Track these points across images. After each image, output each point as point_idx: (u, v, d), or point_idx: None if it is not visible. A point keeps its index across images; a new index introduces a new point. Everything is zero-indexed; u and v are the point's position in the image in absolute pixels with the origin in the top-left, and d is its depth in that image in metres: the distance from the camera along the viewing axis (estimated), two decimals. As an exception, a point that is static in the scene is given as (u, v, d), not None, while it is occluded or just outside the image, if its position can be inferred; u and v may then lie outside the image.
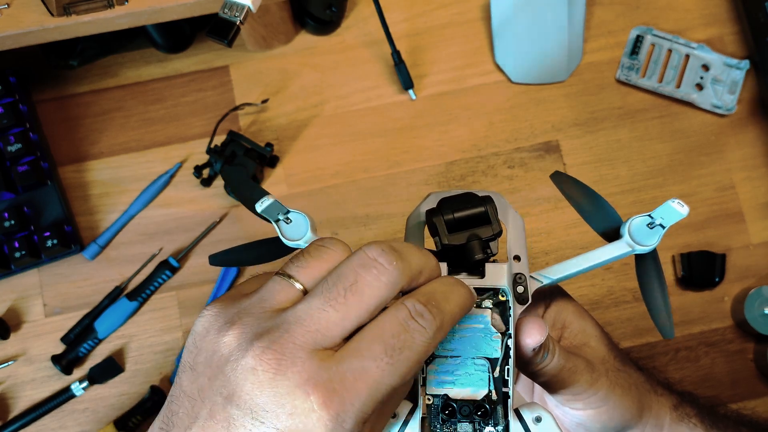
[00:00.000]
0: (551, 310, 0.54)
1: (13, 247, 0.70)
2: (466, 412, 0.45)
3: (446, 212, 0.47)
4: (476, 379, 0.45)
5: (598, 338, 0.54)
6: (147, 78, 0.76)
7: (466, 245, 0.47)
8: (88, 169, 0.75)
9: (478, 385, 0.45)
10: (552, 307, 0.54)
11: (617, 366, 0.53)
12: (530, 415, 0.44)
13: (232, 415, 0.37)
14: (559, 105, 0.76)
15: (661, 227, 0.50)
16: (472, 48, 0.77)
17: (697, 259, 0.72)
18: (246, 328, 0.39)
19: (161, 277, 0.72)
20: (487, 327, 0.46)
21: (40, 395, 0.71)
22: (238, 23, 0.58)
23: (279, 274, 0.41)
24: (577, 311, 0.55)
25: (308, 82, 0.76)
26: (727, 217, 0.75)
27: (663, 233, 0.50)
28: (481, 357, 0.45)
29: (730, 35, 0.78)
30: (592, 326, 0.54)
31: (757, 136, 0.76)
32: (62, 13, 0.63)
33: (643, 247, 0.50)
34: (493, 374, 0.45)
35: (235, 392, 0.37)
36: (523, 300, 0.48)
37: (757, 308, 0.70)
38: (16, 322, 0.72)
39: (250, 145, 0.72)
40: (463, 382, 0.45)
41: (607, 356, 0.53)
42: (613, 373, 0.52)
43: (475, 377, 0.45)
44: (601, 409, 0.51)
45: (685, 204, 0.48)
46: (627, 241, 0.50)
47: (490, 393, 0.45)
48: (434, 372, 0.45)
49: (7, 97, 0.72)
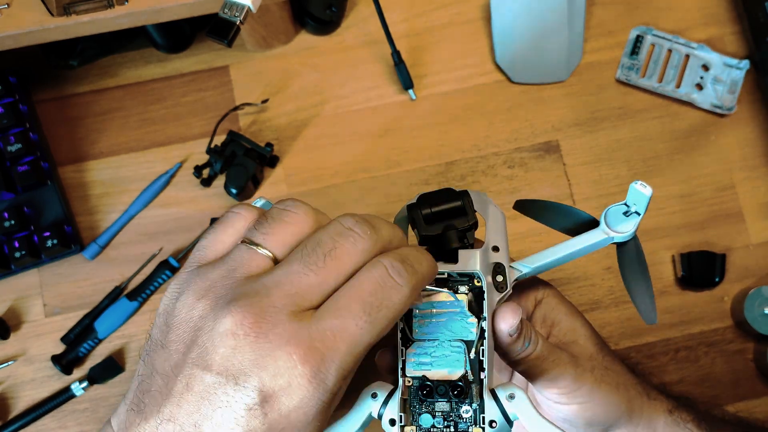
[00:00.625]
0: (541, 307, 0.55)
1: (13, 247, 0.70)
2: (443, 392, 0.46)
3: (424, 206, 0.50)
4: (453, 361, 0.47)
5: (586, 337, 0.54)
6: (147, 78, 0.76)
7: (442, 235, 0.49)
8: (88, 169, 0.75)
9: (455, 366, 0.47)
10: (542, 304, 0.55)
11: (605, 364, 0.53)
12: (504, 393, 0.46)
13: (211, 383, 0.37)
14: (559, 105, 0.76)
15: (636, 214, 0.51)
16: (472, 48, 0.77)
17: (697, 259, 0.72)
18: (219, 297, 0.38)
19: (161, 277, 0.72)
20: (463, 311, 0.48)
21: (40, 395, 0.71)
22: (238, 23, 0.58)
23: (244, 242, 0.41)
24: (568, 310, 0.55)
25: (308, 82, 0.76)
26: (727, 217, 0.75)
27: (639, 220, 0.51)
28: (458, 339, 0.47)
29: (730, 35, 0.78)
30: (582, 325, 0.55)
31: (757, 136, 0.76)
32: (62, 13, 0.63)
33: (620, 235, 0.51)
34: (468, 356, 0.47)
35: (213, 360, 0.37)
36: (502, 288, 0.49)
37: (757, 308, 0.70)
38: (16, 322, 0.72)
39: (250, 145, 0.72)
40: (440, 364, 0.47)
41: (595, 354, 0.53)
42: (600, 371, 0.52)
43: (451, 359, 0.47)
44: (586, 405, 0.51)
45: (647, 185, 0.49)
46: (604, 230, 0.51)
47: (466, 373, 0.47)
48: (413, 354, 0.47)
49: (7, 97, 0.72)
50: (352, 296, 0.39)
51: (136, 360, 0.72)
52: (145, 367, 0.40)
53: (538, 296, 0.55)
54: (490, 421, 0.46)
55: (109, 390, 0.71)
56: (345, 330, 0.38)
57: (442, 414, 0.47)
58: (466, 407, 0.47)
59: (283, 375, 0.36)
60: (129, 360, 0.72)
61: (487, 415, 0.46)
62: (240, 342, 0.36)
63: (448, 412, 0.47)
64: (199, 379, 0.37)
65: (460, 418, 0.47)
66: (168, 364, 0.39)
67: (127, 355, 0.72)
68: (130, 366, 0.72)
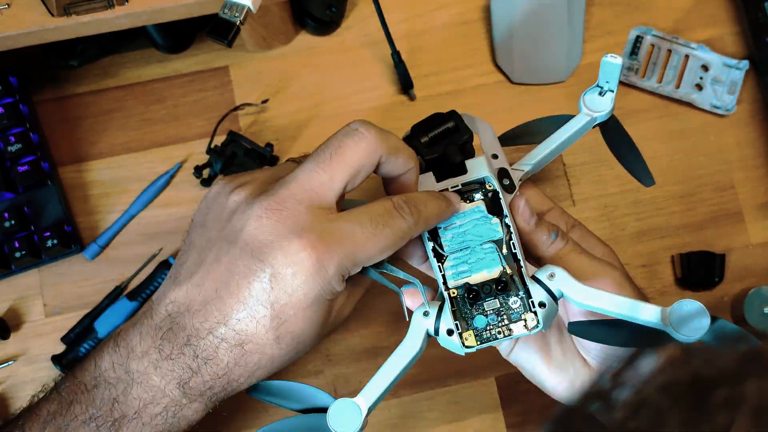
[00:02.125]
0: (575, 232, 0.57)
1: (13, 247, 0.70)
2: (488, 291, 0.49)
3: (420, 134, 0.54)
4: (489, 261, 0.50)
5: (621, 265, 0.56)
6: (147, 78, 0.76)
7: (445, 152, 0.53)
8: (88, 169, 0.75)
9: (492, 265, 0.50)
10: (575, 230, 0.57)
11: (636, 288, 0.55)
12: (544, 275, 0.49)
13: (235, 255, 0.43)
14: (559, 105, 0.76)
15: (610, 91, 0.57)
16: (472, 48, 0.77)
17: (696, 259, 0.72)
18: (254, 187, 0.46)
19: (161, 277, 0.72)
20: (484, 215, 0.51)
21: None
22: (238, 23, 0.58)
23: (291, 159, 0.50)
24: (600, 240, 0.57)
25: (308, 82, 0.77)
26: (727, 217, 0.75)
27: (614, 96, 0.57)
28: (487, 241, 0.51)
29: (730, 35, 0.78)
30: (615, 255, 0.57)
31: (757, 136, 0.76)
32: (62, 14, 0.63)
33: (601, 113, 0.56)
34: (501, 252, 0.50)
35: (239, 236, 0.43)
36: (510, 189, 0.53)
37: (757, 308, 0.71)
38: (16, 322, 0.72)
39: (251, 146, 0.73)
40: (478, 267, 0.50)
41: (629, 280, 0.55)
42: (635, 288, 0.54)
43: (486, 260, 0.50)
44: None
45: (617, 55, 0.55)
46: (585, 113, 0.57)
47: (504, 269, 0.50)
48: (450, 267, 0.50)
49: (8, 98, 0.72)
50: (364, 211, 0.45)
51: (136, 360, 0.72)
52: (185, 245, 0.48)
53: (570, 222, 0.57)
54: (539, 302, 0.48)
55: (109, 390, 0.71)
56: (352, 233, 0.43)
57: (493, 311, 0.49)
58: (513, 298, 0.49)
59: (292, 256, 0.42)
60: (129, 360, 0.72)
61: (535, 298, 0.48)
62: (263, 223, 0.43)
63: (498, 308, 0.49)
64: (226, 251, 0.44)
65: (511, 310, 0.49)
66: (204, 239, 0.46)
67: (127, 355, 0.72)
68: (130, 366, 0.72)
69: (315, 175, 0.44)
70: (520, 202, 0.52)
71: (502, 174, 0.53)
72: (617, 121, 0.58)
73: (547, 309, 0.48)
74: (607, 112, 0.56)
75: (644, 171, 0.58)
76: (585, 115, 0.56)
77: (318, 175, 0.44)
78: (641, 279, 0.74)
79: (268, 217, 0.43)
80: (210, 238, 0.45)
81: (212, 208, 0.47)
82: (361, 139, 0.46)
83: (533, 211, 0.52)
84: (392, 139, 0.48)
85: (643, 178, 0.58)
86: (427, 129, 0.54)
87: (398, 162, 0.48)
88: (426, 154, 0.53)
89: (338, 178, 0.45)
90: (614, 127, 0.58)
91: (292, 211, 0.43)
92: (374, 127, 0.47)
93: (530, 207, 0.52)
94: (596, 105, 0.56)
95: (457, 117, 0.55)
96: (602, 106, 0.56)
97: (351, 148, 0.45)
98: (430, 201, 0.48)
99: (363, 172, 0.46)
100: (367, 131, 0.46)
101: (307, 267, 0.42)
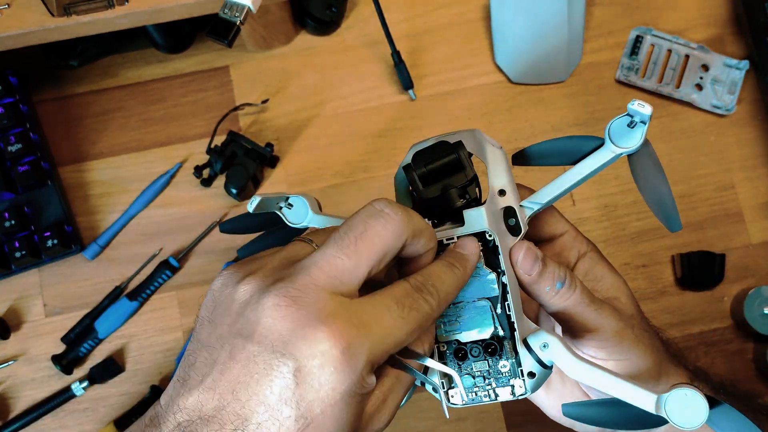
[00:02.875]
0: (584, 261, 0.54)
1: (14, 247, 0.70)
2: (477, 353, 0.47)
3: (418, 166, 0.48)
4: (481, 320, 0.47)
5: (629, 296, 0.54)
6: (147, 78, 0.76)
7: (442, 195, 0.48)
8: (88, 169, 0.75)
9: (484, 325, 0.47)
10: (585, 259, 0.54)
11: (643, 326, 0.53)
12: (537, 343, 0.46)
13: (252, 352, 0.38)
14: (559, 105, 0.76)
15: (642, 123, 0.48)
16: (472, 48, 0.77)
17: (696, 259, 0.72)
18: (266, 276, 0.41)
19: (161, 277, 0.72)
20: (480, 268, 0.47)
21: (40, 395, 0.71)
22: (238, 23, 0.58)
23: (299, 239, 0.45)
24: (611, 268, 0.55)
25: (308, 82, 0.76)
26: (727, 217, 0.75)
27: (645, 128, 0.48)
28: (482, 298, 0.47)
29: (730, 35, 0.78)
30: (623, 283, 0.54)
31: (757, 136, 0.76)
32: (62, 14, 0.63)
33: (627, 148, 0.48)
34: (495, 312, 0.47)
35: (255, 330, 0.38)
36: (516, 231, 0.48)
37: (756, 308, 0.70)
38: (17, 322, 0.72)
39: (251, 145, 0.72)
40: (469, 325, 0.47)
41: (635, 314, 0.53)
42: (639, 330, 0.52)
43: (479, 318, 0.47)
44: (623, 363, 0.51)
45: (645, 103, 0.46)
46: (610, 148, 0.49)
47: (496, 329, 0.47)
48: (441, 321, 0.47)
49: (8, 98, 0.72)
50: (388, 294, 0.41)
51: (136, 360, 0.72)
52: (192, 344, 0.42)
53: (582, 249, 0.54)
54: (528, 372, 0.46)
55: (109, 390, 0.71)
56: (380, 317, 0.40)
57: (480, 373, 0.47)
58: (503, 362, 0.47)
59: (318, 345, 0.38)
60: (129, 360, 0.72)
61: (524, 367, 0.46)
62: (282, 313, 0.38)
63: (487, 370, 0.47)
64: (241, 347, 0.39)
65: (499, 374, 0.47)
66: (213, 336, 0.41)
67: (128, 355, 0.72)
68: (130, 366, 0.72)
69: (338, 261, 0.40)
70: (519, 253, 0.47)
71: (508, 213, 0.48)
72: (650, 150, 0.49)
73: (536, 378, 0.46)
74: (637, 147, 0.48)
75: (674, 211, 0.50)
76: (611, 152, 0.49)
77: (342, 261, 0.40)
78: (641, 279, 0.74)
79: (288, 305, 0.38)
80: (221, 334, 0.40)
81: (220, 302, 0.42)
82: (388, 222, 0.42)
83: (536, 258, 0.48)
84: (417, 221, 0.44)
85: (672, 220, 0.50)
86: (427, 160, 0.48)
87: (420, 244, 0.44)
88: (421, 193, 0.48)
89: (364, 265, 0.41)
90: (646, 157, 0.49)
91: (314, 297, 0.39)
92: (401, 208, 0.43)
93: (532, 255, 0.48)
94: (624, 138, 0.48)
95: (463, 151, 0.48)
96: (632, 142, 0.48)
97: (378, 234, 0.41)
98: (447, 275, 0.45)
99: (388, 257, 0.42)
100: (395, 213, 0.42)
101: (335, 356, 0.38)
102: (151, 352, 0.72)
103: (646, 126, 0.48)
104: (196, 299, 0.73)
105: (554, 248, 0.54)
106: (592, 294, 0.50)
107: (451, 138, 0.50)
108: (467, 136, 0.50)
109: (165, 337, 0.72)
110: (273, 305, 0.38)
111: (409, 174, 0.48)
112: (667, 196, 0.50)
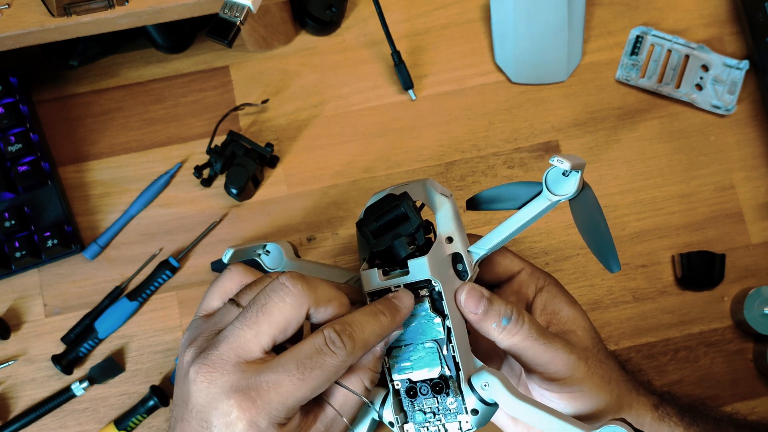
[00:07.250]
0: (542, 295, 0.56)
1: (14, 247, 0.70)
2: (425, 391, 0.50)
3: (369, 221, 0.52)
4: (429, 361, 0.50)
5: (585, 329, 0.55)
6: (147, 78, 0.76)
7: (390, 246, 0.51)
8: (88, 169, 0.75)
9: (432, 365, 0.50)
10: (543, 293, 0.56)
11: (600, 358, 0.54)
12: (479, 382, 0.49)
13: (189, 417, 0.45)
14: (559, 105, 0.76)
15: (575, 172, 0.50)
16: (472, 48, 0.77)
17: (696, 259, 0.72)
18: (199, 345, 0.47)
19: (161, 277, 0.72)
20: (427, 314, 0.51)
21: (40, 395, 0.71)
22: (238, 23, 0.58)
23: (231, 300, 0.49)
24: (569, 300, 0.56)
25: (308, 82, 0.76)
26: (727, 217, 0.75)
27: (579, 176, 0.50)
28: (429, 340, 0.51)
29: (730, 35, 0.78)
30: (581, 316, 0.56)
31: (757, 136, 0.76)
32: (62, 14, 0.63)
33: (563, 195, 0.50)
34: (442, 353, 0.50)
35: (189, 398, 0.45)
36: (464, 275, 0.52)
37: (756, 308, 0.70)
38: (17, 322, 0.72)
39: (250, 146, 0.72)
40: (419, 365, 0.51)
41: (591, 347, 0.54)
42: (594, 363, 0.53)
43: (427, 359, 0.50)
44: (576, 395, 0.52)
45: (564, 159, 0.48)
46: (547, 196, 0.51)
47: (443, 369, 0.50)
48: (394, 361, 0.51)
49: (8, 98, 0.72)
50: (291, 356, 0.45)
51: (136, 360, 0.72)
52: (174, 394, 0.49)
53: (539, 284, 0.56)
54: (472, 410, 0.49)
55: (109, 390, 0.71)
56: (279, 383, 0.44)
57: (431, 410, 0.50)
58: (450, 399, 0.50)
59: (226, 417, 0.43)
60: (129, 360, 0.72)
61: (468, 405, 0.49)
62: (199, 387, 0.44)
63: (436, 407, 0.50)
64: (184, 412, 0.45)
65: (448, 410, 0.50)
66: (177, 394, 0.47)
67: (127, 355, 0.72)
68: (130, 366, 0.72)
69: (241, 332, 0.45)
70: (461, 296, 0.50)
71: (456, 259, 0.52)
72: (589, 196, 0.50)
73: (480, 415, 0.49)
74: (572, 194, 0.50)
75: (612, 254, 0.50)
76: (547, 201, 0.50)
77: (244, 332, 0.45)
78: (641, 279, 0.74)
79: (202, 381, 0.44)
80: (178, 394, 0.47)
81: (179, 363, 0.48)
82: (286, 295, 0.46)
83: (481, 297, 0.50)
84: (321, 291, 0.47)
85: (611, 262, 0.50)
86: (377, 214, 0.52)
87: (328, 312, 0.48)
88: (373, 247, 0.51)
89: (264, 334, 0.45)
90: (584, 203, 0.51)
91: (221, 371, 0.44)
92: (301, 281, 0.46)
93: (477, 295, 0.50)
94: (559, 187, 0.50)
95: (407, 202, 0.51)
96: (567, 189, 0.50)
97: (276, 305, 0.45)
98: (368, 323, 0.47)
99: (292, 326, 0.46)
100: (293, 286, 0.46)
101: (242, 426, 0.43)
102: (151, 352, 0.72)
103: (580, 174, 0.50)
104: (196, 299, 0.73)
105: (513, 287, 0.56)
106: (543, 328, 0.52)
107: (398, 190, 0.53)
108: (417, 186, 0.54)
109: (165, 337, 0.72)
110: (194, 379, 0.44)
111: (362, 229, 0.52)
112: (606, 239, 0.51)
